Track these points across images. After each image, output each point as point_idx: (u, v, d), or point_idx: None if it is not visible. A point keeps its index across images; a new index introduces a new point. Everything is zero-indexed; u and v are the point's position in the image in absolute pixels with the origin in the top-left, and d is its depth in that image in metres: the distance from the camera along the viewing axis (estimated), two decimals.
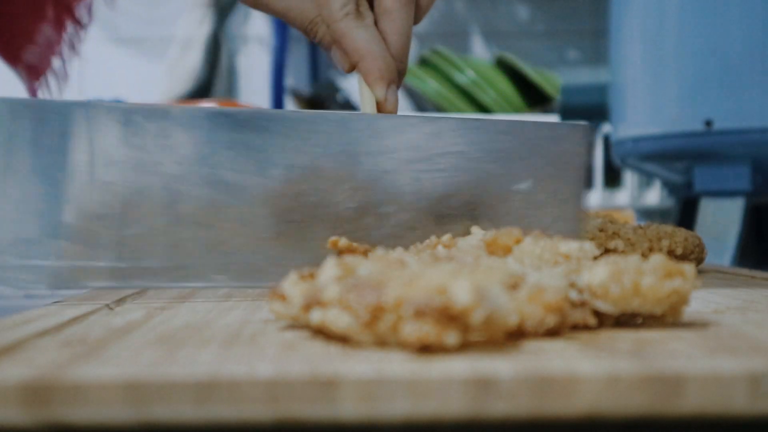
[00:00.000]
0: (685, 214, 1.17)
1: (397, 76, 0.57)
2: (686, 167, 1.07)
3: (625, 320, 0.34)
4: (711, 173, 1.06)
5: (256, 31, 1.86)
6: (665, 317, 0.33)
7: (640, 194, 1.47)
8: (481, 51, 1.82)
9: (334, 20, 0.56)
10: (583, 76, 1.54)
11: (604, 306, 0.32)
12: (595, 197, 1.47)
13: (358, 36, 0.56)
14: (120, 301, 0.45)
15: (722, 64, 0.97)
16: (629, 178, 1.47)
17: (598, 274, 0.32)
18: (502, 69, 1.56)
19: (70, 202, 0.47)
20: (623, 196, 1.47)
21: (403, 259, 0.31)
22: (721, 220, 1.07)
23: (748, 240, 1.11)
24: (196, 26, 1.76)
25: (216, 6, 1.80)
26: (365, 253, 0.33)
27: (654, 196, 1.46)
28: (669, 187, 1.22)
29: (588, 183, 1.49)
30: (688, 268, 0.33)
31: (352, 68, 0.58)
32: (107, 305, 0.43)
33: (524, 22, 1.81)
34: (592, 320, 0.33)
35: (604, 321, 0.34)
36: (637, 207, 1.45)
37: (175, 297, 0.47)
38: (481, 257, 0.34)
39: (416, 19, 0.60)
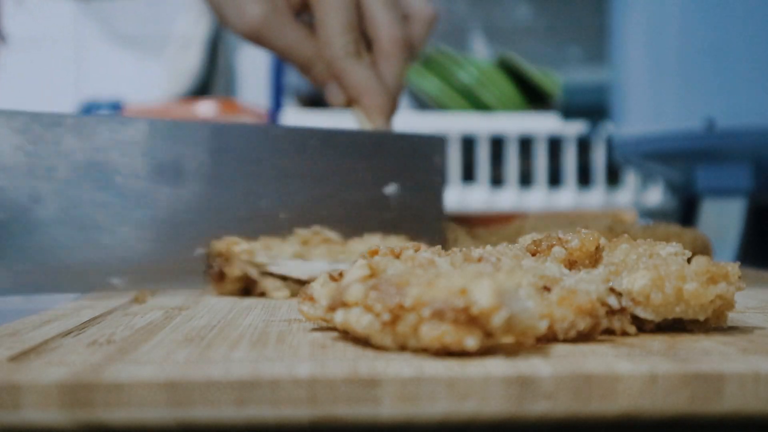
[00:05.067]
0: (687, 213, 1.18)
1: (391, 112, 0.61)
2: (688, 166, 1.07)
3: (667, 326, 0.33)
4: (713, 172, 1.06)
5: None
6: (709, 322, 0.32)
7: (641, 194, 1.47)
8: (481, 49, 1.82)
9: (335, 58, 0.61)
10: (585, 75, 1.54)
11: (644, 313, 0.31)
12: (597, 197, 1.47)
13: (358, 74, 0.60)
14: (133, 302, 0.45)
15: (724, 63, 0.97)
16: (631, 177, 1.47)
17: (638, 280, 0.31)
18: (504, 68, 1.56)
19: None
20: (624, 195, 1.48)
21: (434, 260, 0.31)
22: (723, 220, 1.08)
23: (750, 240, 1.11)
24: (195, 24, 1.75)
25: None
26: (398, 255, 0.32)
27: (655, 195, 1.46)
28: (671, 186, 1.22)
29: (586, 181, 1.50)
30: (732, 269, 0.32)
31: (350, 103, 0.62)
32: (122, 306, 0.43)
33: (525, 21, 1.81)
34: (631, 329, 0.32)
35: (644, 326, 0.32)
36: (639, 207, 1.45)
37: (184, 297, 0.47)
38: (520, 258, 0.33)
39: (412, 58, 0.64)
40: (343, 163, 0.55)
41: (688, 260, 0.32)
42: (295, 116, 1.48)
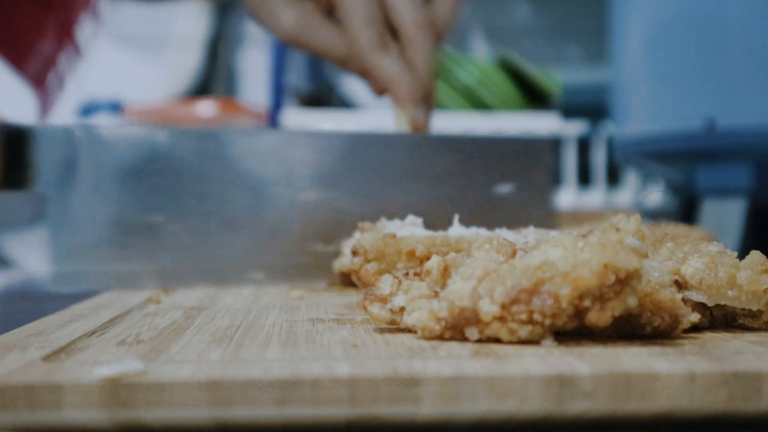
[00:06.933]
0: (687, 213, 1.18)
1: (426, 96, 0.61)
2: (688, 166, 1.07)
3: (719, 322, 0.33)
4: (713, 172, 1.07)
5: (255, 29, 1.85)
6: (763, 316, 0.32)
7: (642, 193, 1.47)
8: (481, 49, 1.82)
9: (362, 53, 0.62)
10: (585, 75, 1.54)
11: (697, 296, 0.32)
12: (597, 197, 1.47)
13: (385, 65, 0.62)
14: (147, 302, 0.45)
15: (724, 63, 0.97)
16: (631, 177, 1.47)
17: (692, 264, 0.31)
18: (504, 68, 1.57)
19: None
20: (624, 195, 1.48)
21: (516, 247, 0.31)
22: (724, 220, 1.08)
23: (751, 240, 1.11)
24: (195, 24, 1.75)
25: (215, 4, 1.79)
26: (445, 254, 0.33)
27: (655, 195, 1.46)
28: (671, 185, 1.23)
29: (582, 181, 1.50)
30: None
31: (383, 93, 0.63)
32: (138, 305, 0.43)
33: (525, 21, 1.81)
34: (695, 316, 0.31)
35: (698, 323, 0.32)
36: (639, 207, 1.45)
37: (199, 298, 0.47)
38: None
39: (439, 40, 0.65)
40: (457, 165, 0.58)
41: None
42: (295, 116, 1.48)
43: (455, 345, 0.30)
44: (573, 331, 0.30)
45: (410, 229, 0.44)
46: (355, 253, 0.41)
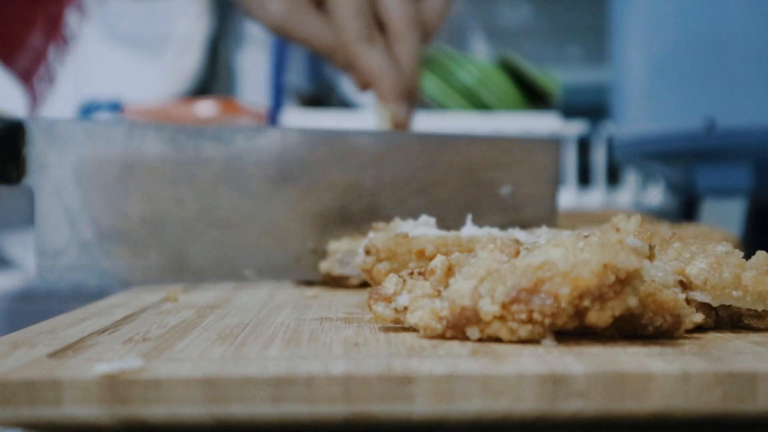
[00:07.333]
0: (687, 213, 1.18)
1: (409, 93, 0.61)
2: (688, 166, 1.07)
3: (725, 323, 0.33)
4: (713, 172, 1.07)
5: (255, 28, 1.85)
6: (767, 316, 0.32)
7: (642, 193, 1.47)
8: (481, 49, 1.82)
9: (349, 44, 0.62)
10: (585, 75, 1.54)
11: (701, 297, 0.32)
12: (597, 197, 1.47)
13: (370, 58, 0.62)
14: (164, 300, 0.45)
15: (724, 63, 0.97)
16: (631, 177, 1.47)
17: (696, 264, 0.32)
18: (504, 68, 1.57)
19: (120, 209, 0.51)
20: (625, 195, 1.48)
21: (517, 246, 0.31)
22: (724, 220, 1.08)
23: (751, 240, 1.11)
24: (195, 24, 1.75)
25: (215, 3, 1.79)
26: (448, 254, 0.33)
27: (656, 194, 1.47)
28: (671, 186, 1.23)
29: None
30: None
31: (366, 87, 0.64)
32: (154, 304, 0.43)
33: (525, 21, 1.81)
34: (699, 316, 0.31)
35: (703, 323, 0.32)
36: (639, 206, 1.45)
37: (215, 296, 0.47)
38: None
39: (427, 38, 0.65)
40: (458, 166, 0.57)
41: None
42: (295, 116, 1.48)
43: (456, 344, 0.30)
44: (574, 330, 0.30)
45: (423, 229, 0.44)
46: (367, 252, 0.41)
